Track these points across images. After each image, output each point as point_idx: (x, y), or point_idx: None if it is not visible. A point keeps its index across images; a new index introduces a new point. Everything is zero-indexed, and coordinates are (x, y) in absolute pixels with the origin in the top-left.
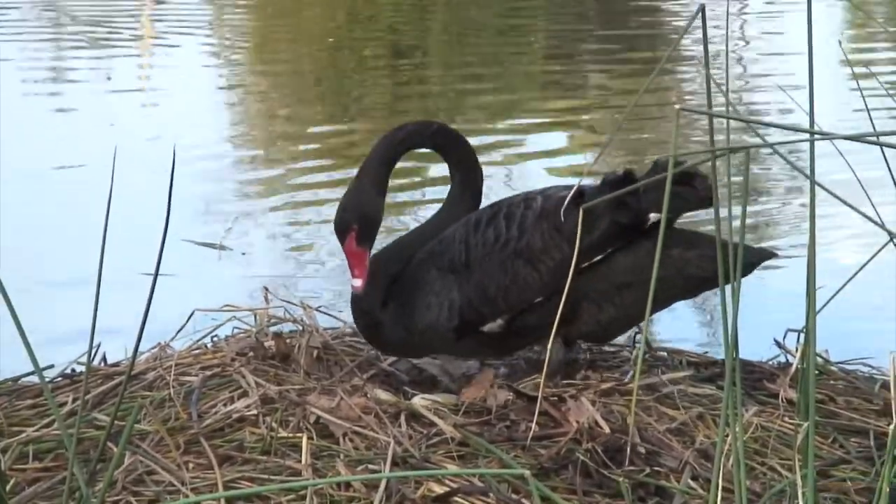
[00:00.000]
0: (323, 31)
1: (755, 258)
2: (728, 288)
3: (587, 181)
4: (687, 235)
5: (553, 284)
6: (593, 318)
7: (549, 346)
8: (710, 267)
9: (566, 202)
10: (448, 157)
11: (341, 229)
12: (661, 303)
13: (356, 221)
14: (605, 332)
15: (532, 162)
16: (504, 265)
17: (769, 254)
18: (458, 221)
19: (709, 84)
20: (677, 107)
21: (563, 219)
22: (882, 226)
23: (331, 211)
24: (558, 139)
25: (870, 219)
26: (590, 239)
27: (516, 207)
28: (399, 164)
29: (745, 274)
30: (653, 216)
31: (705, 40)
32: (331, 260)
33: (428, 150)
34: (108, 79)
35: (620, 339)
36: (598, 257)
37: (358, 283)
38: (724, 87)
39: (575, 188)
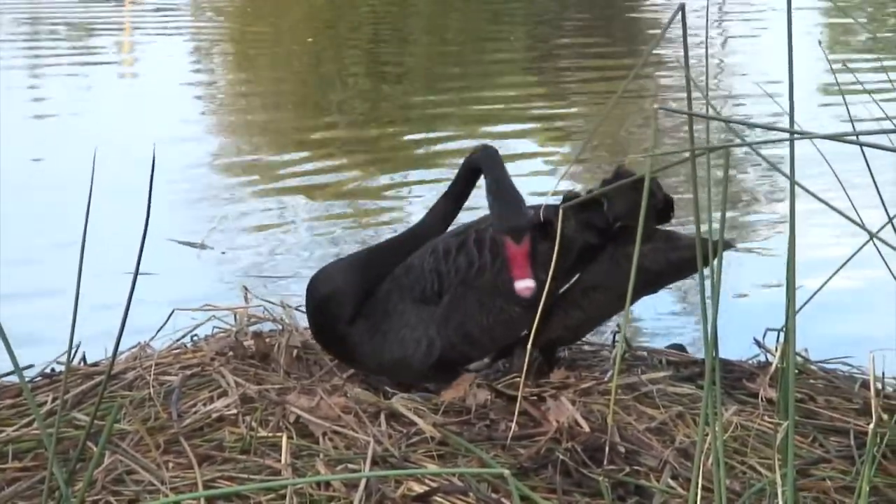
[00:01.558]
0: (304, 32)
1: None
2: (708, 287)
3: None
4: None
5: (534, 313)
6: (561, 324)
7: (527, 355)
8: (662, 259)
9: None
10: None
11: (522, 235)
12: (624, 300)
13: (513, 232)
14: (573, 335)
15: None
16: (484, 304)
17: (727, 244)
18: (426, 248)
19: (689, 84)
20: (655, 106)
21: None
22: (862, 225)
23: (312, 211)
24: (536, 143)
25: (849, 218)
26: (564, 264)
27: (485, 232)
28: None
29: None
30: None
31: (685, 39)
32: (311, 259)
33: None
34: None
35: (600, 339)
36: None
37: (530, 283)
38: (703, 89)
39: (538, 211)
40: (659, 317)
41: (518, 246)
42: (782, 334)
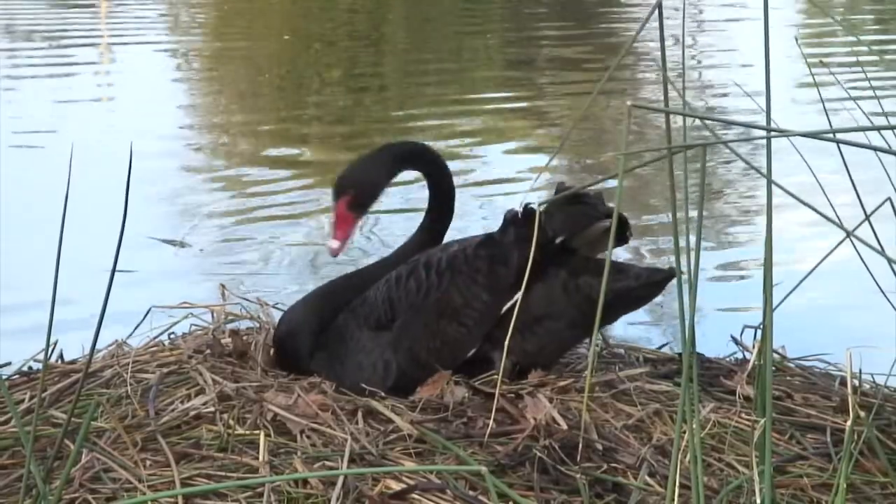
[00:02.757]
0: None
1: (660, 277)
2: (685, 285)
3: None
4: (593, 263)
5: (481, 331)
6: (520, 348)
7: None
8: (612, 295)
9: (474, 247)
10: (432, 188)
11: (339, 189)
12: (584, 330)
13: (356, 186)
14: (536, 361)
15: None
16: (430, 328)
17: (670, 273)
18: (381, 280)
19: (665, 82)
20: (629, 103)
21: (473, 267)
22: (839, 224)
23: (289, 209)
24: (516, 141)
25: (826, 217)
26: (507, 276)
27: (433, 256)
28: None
29: (652, 295)
30: (558, 240)
31: (662, 37)
32: (288, 257)
33: None
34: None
35: None
36: (519, 294)
37: (335, 244)
38: (679, 87)
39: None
40: (637, 315)
41: (336, 205)
42: (759, 331)
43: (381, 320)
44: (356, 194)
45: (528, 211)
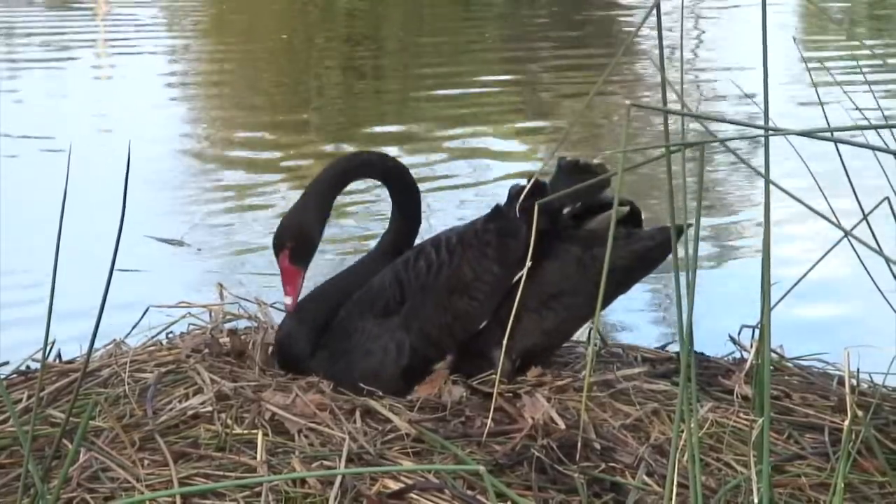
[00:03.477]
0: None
1: (670, 234)
2: (683, 283)
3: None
4: (600, 234)
5: (492, 305)
6: (538, 329)
7: (501, 360)
8: (627, 254)
9: (483, 221)
10: (394, 194)
11: (277, 245)
12: (604, 300)
13: (292, 240)
14: (551, 340)
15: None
16: (440, 304)
17: (679, 229)
18: (385, 268)
19: (664, 81)
20: (628, 102)
21: (482, 240)
22: (837, 224)
23: (287, 209)
24: (514, 141)
25: (824, 216)
26: (516, 248)
27: (440, 236)
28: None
29: (666, 254)
30: (566, 210)
31: (660, 37)
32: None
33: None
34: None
35: (576, 336)
36: (529, 265)
37: (289, 300)
38: (677, 86)
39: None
40: (635, 313)
41: (279, 261)
42: (757, 331)
43: (390, 304)
44: (294, 247)
45: (532, 186)
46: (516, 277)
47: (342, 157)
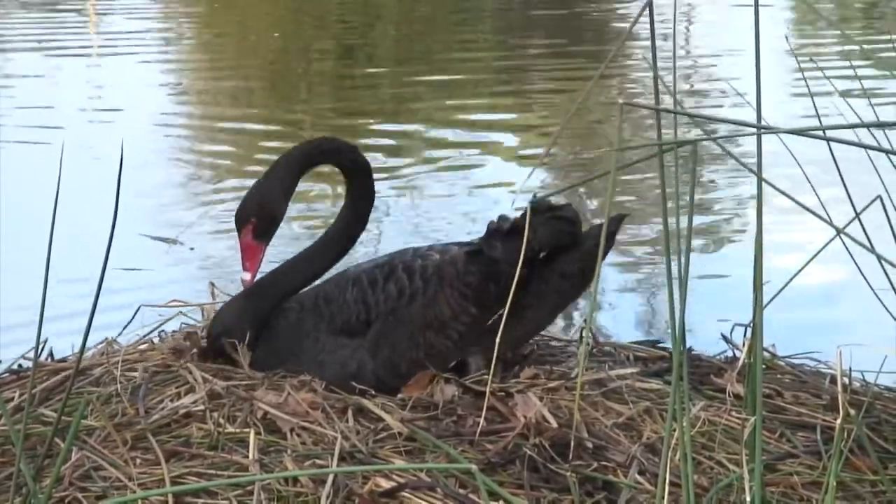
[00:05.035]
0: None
1: (613, 226)
2: (675, 283)
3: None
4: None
5: (466, 343)
6: (502, 341)
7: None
8: (576, 256)
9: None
10: (354, 190)
11: (240, 220)
12: (561, 308)
13: (255, 215)
14: (515, 345)
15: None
16: (413, 338)
17: (619, 217)
18: (343, 279)
19: (656, 80)
20: (621, 101)
21: (464, 281)
22: (829, 221)
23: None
24: (507, 139)
25: (816, 214)
26: (496, 292)
27: (412, 262)
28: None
29: (610, 246)
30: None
31: (653, 36)
32: (277, 255)
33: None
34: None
35: (568, 335)
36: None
37: (247, 276)
38: (670, 85)
39: (467, 248)
40: (627, 311)
41: (241, 236)
42: (749, 330)
43: (352, 322)
44: (257, 223)
45: (512, 226)
46: (491, 320)
47: (315, 139)
